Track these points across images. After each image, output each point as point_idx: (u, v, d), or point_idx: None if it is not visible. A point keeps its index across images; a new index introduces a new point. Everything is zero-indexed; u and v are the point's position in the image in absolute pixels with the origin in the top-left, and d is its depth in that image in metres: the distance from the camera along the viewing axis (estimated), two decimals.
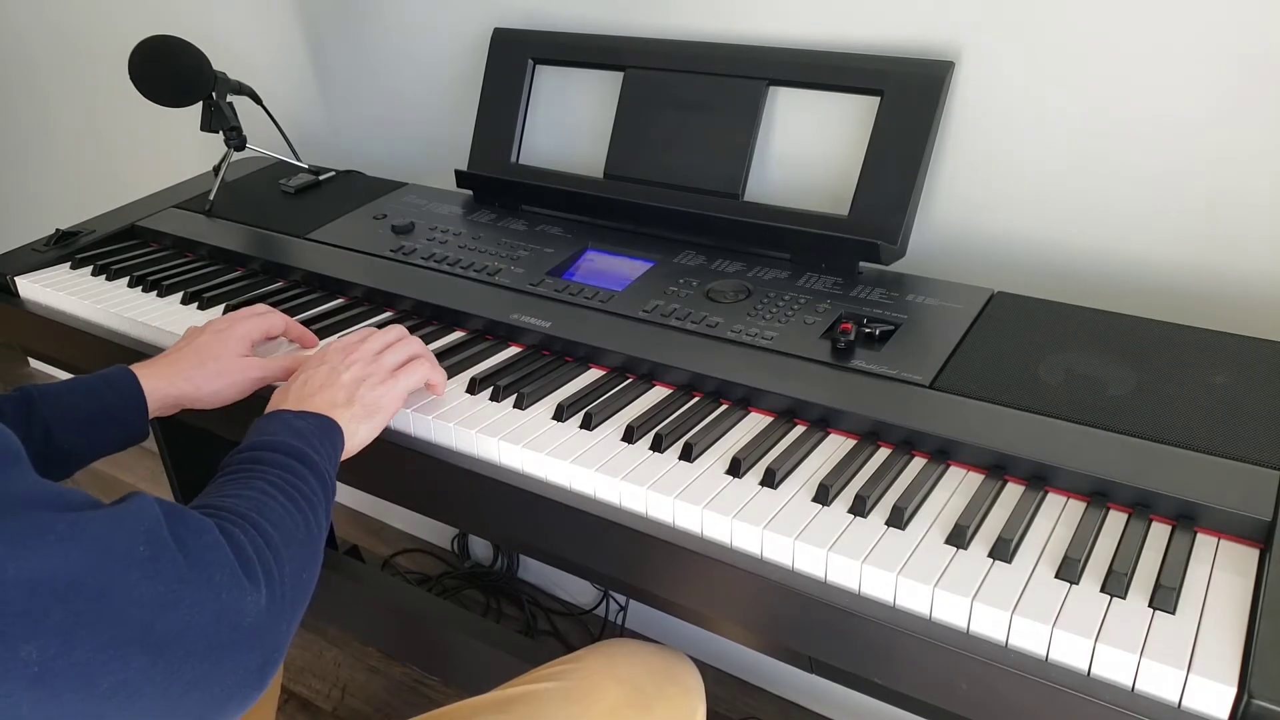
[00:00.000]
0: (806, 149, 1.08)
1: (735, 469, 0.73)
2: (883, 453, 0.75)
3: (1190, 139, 0.88)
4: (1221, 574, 0.61)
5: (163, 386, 0.82)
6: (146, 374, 0.82)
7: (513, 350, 0.94)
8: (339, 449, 0.73)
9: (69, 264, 1.18)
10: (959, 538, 0.65)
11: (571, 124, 1.24)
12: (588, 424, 0.80)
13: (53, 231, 1.23)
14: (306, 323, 0.99)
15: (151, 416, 0.82)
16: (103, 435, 0.79)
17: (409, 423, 0.84)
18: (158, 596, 0.50)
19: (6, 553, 0.44)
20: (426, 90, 1.39)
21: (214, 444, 0.88)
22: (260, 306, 0.93)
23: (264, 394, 0.86)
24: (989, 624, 0.60)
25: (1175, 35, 0.86)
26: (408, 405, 0.84)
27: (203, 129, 1.24)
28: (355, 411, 0.76)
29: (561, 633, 1.65)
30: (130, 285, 1.11)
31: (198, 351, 0.85)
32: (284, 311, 1.01)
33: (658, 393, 0.86)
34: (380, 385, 0.78)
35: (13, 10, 1.97)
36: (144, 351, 1.01)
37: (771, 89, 1.05)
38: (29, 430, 0.76)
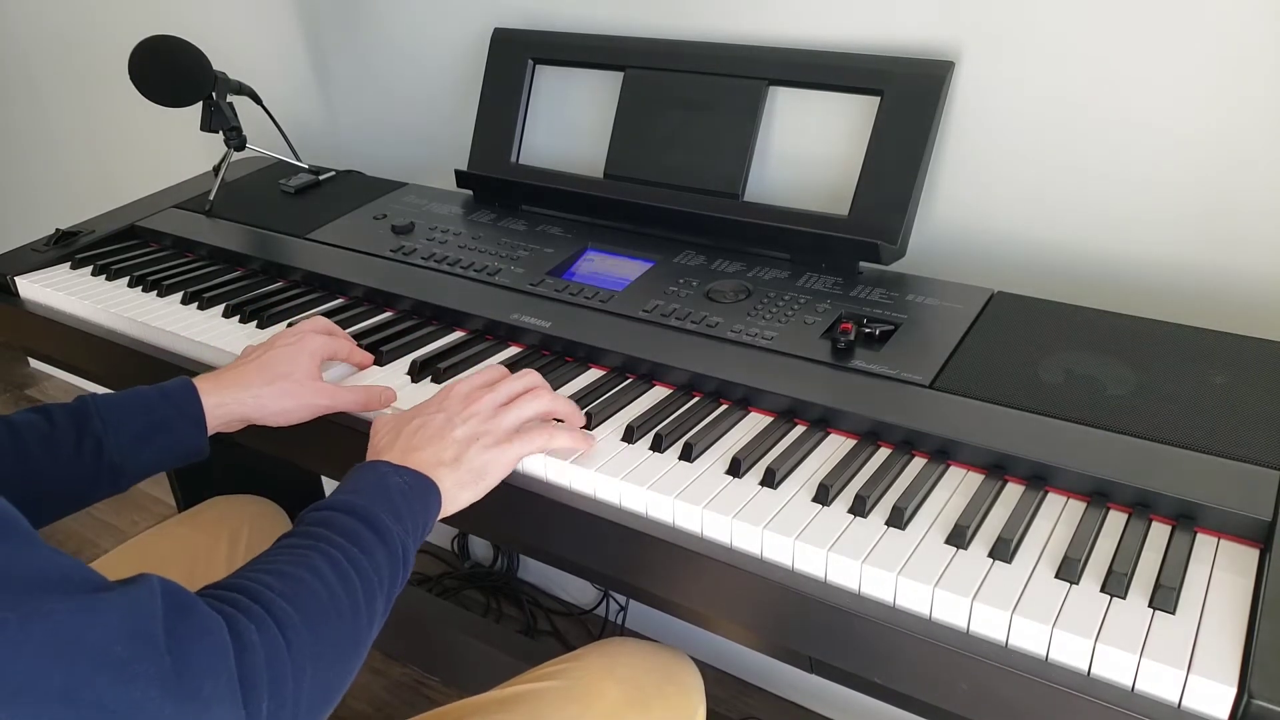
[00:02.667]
0: (806, 149, 1.08)
1: (735, 469, 0.73)
2: (883, 453, 0.75)
3: (1190, 139, 0.88)
4: (1221, 574, 0.61)
5: (227, 402, 0.79)
6: (210, 388, 0.79)
7: (513, 350, 0.94)
8: (431, 517, 0.68)
9: (69, 264, 1.18)
10: (959, 538, 0.65)
11: (571, 124, 1.24)
12: (588, 424, 0.80)
13: (53, 231, 1.23)
14: None
15: (214, 432, 0.79)
16: (157, 451, 0.76)
17: None
18: (130, 703, 0.45)
19: None
20: (426, 90, 1.40)
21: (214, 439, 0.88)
22: (324, 322, 0.89)
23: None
24: (989, 624, 0.60)
25: (1175, 35, 0.86)
26: (409, 405, 0.84)
27: (203, 129, 1.24)
28: (460, 476, 0.70)
29: (561, 633, 1.65)
30: (130, 285, 1.11)
31: (267, 367, 0.81)
32: (284, 312, 1.02)
33: (658, 393, 0.86)
34: (492, 449, 0.72)
35: (12, 10, 1.97)
36: (144, 352, 1.01)
37: (771, 89, 1.05)
38: (79, 442, 0.73)
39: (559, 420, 0.78)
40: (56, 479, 0.73)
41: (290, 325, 0.99)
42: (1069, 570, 0.62)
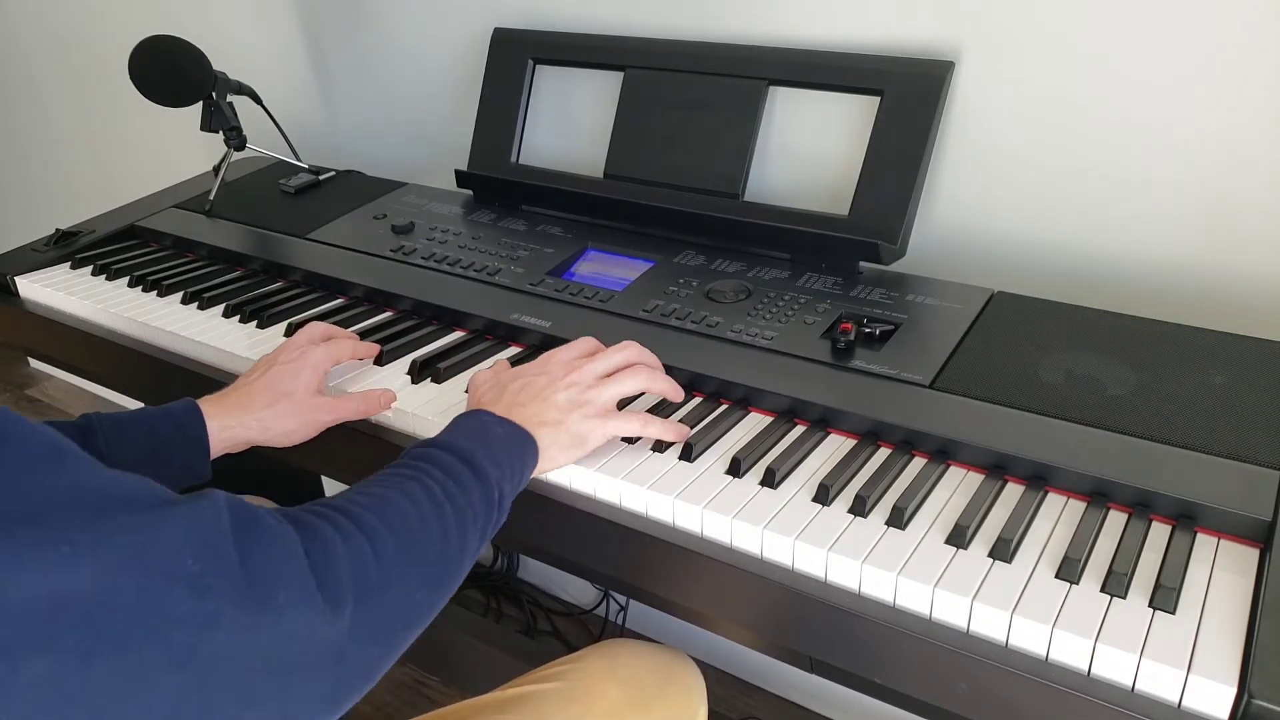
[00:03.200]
0: (806, 149, 1.08)
1: (735, 469, 0.73)
2: (883, 453, 0.75)
3: (1190, 139, 0.88)
4: (1221, 574, 0.61)
5: (231, 425, 0.79)
6: (215, 410, 0.79)
7: (513, 350, 0.94)
8: (528, 470, 0.70)
9: (69, 264, 1.18)
10: (959, 538, 0.65)
11: (571, 124, 1.24)
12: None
13: (53, 231, 1.23)
14: (306, 323, 0.99)
15: (218, 455, 0.79)
16: (158, 472, 0.73)
17: (409, 423, 0.84)
18: (204, 616, 0.45)
19: (6, 569, 0.41)
20: (426, 90, 1.40)
21: None
22: (323, 328, 0.89)
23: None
24: (989, 624, 0.60)
25: (1175, 35, 0.86)
26: (410, 406, 0.84)
27: (203, 129, 1.24)
28: (559, 437, 0.72)
29: (561, 633, 1.65)
30: (130, 285, 1.11)
31: (269, 388, 0.81)
32: (284, 312, 1.02)
33: None
34: (592, 419, 0.73)
35: (12, 10, 1.97)
36: (144, 351, 1.01)
37: (771, 89, 1.05)
38: None
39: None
40: None
41: (290, 326, 0.99)
42: (1069, 570, 0.62)
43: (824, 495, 0.69)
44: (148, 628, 0.43)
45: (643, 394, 0.82)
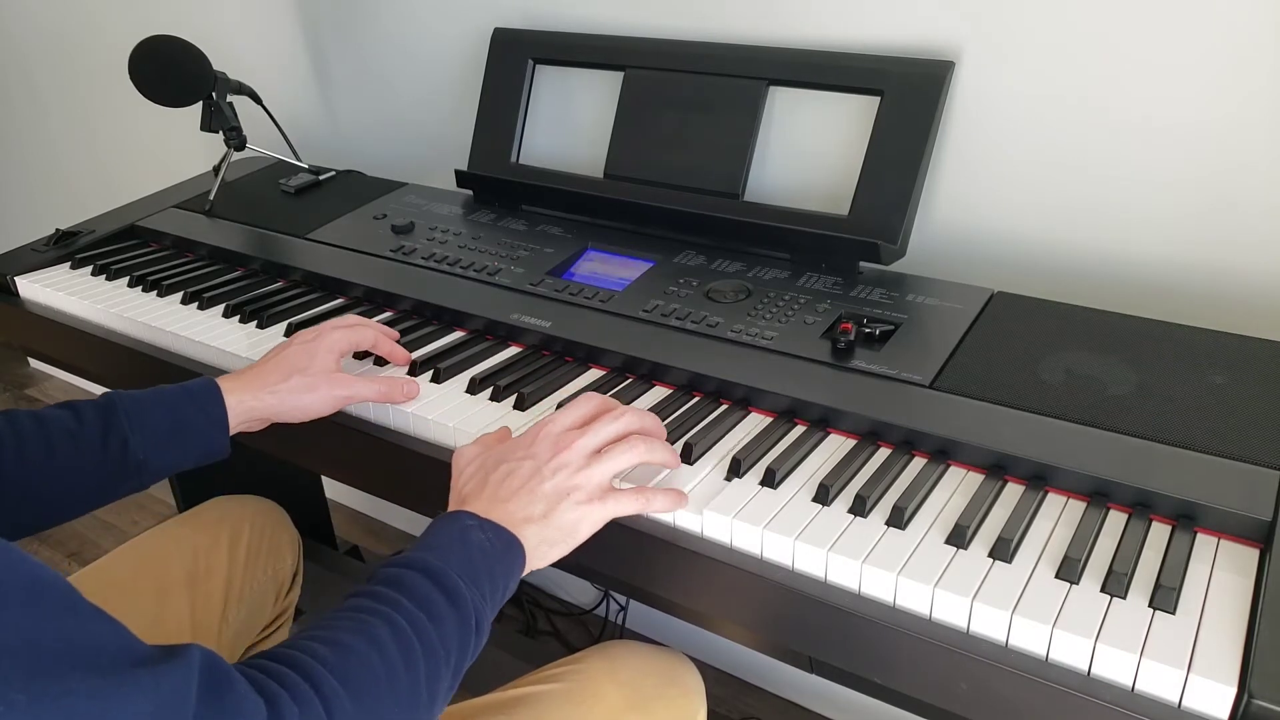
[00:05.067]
0: (806, 149, 1.08)
1: (735, 469, 0.73)
2: (883, 453, 0.75)
3: (1190, 139, 0.88)
4: (1221, 574, 0.61)
5: (247, 400, 0.79)
6: (232, 387, 0.79)
7: (513, 350, 0.94)
8: (514, 579, 0.64)
9: (69, 264, 1.18)
10: (959, 538, 0.65)
11: (571, 124, 1.24)
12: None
13: (53, 231, 1.23)
14: (306, 323, 0.99)
15: (236, 432, 0.80)
16: (181, 449, 0.76)
17: (408, 421, 0.84)
18: None
19: None
20: (426, 90, 1.39)
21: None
22: (350, 318, 0.89)
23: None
24: (989, 624, 0.60)
25: (1175, 35, 0.86)
26: (410, 406, 0.84)
27: (203, 129, 1.24)
28: (548, 534, 0.66)
29: (561, 633, 1.65)
30: (130, 285, 1.11)
31: (283, 364, 0.81)
32: (284, 312, 1.02)
33: (658, 393, 0.86)
34: (584, 505, 0.67)
35: (12, 11, 1.97)
36: (144, 351, 1.01)
37: (771, 89, 1.05)
38: (105, 438, 0.74)
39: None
40: (82, 473, 0.74)
41: (290, 326, 0.99)
42: (1069, 570, 0.62)
43: (824, 495, 0.69)
44: None
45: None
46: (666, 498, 0.70)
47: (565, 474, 0.68)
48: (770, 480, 0.71)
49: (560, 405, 0.78)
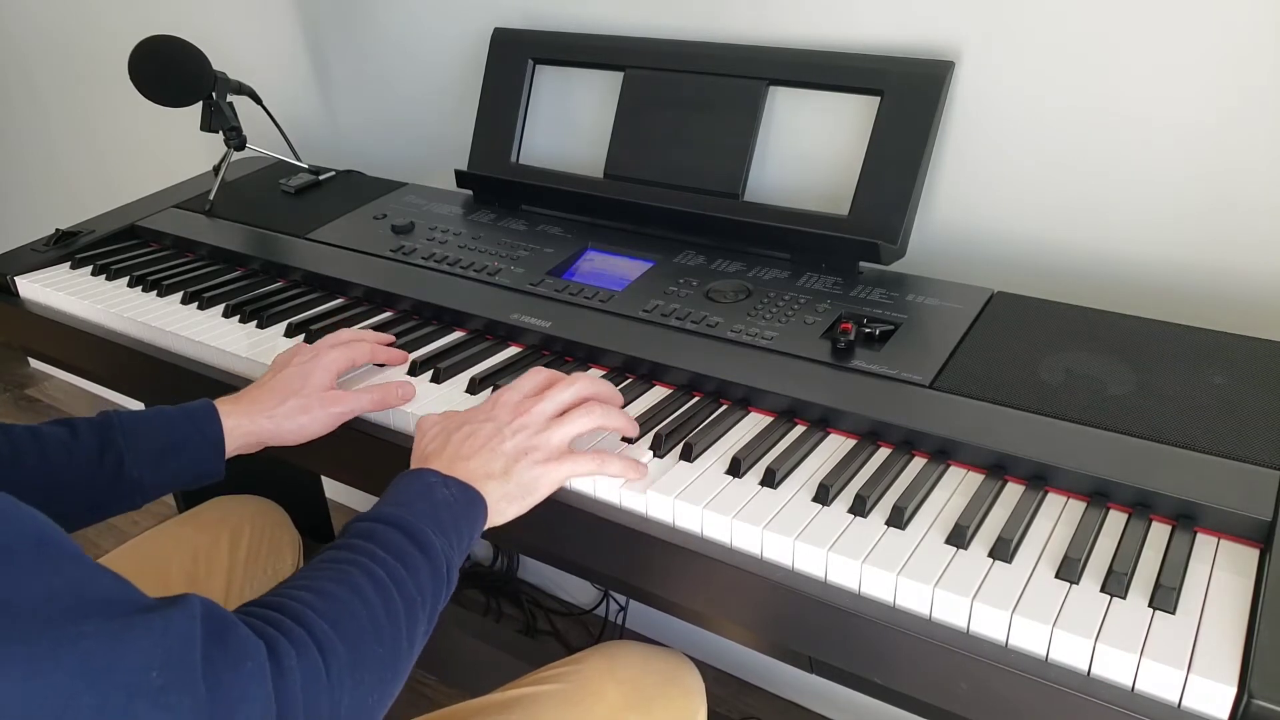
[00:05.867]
0: (806, 149, 1.08)
1: (735, 469, 0.73)
2: (883, 453, 0.75)
3: (1190, 138, 0.88)
4: (1221, 574, 0.61)
5: (244, 424, 0.80)
6: (229, 410, 0.80)
7: (513, 350, 0.94)
8: (476, 531, 0.67)
9: (69, 264, 1.18)
10: (959, 538, 0.65)
11: (571, 124, 1.24)
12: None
13: (53, 231, 1.23)
14: (306, 322, 0.99)
15: (233, 454, 0.80)
16: (175, 469, 0.77)
17: (408, 421, 0.84)
18: None
19: None
20: (426, 90, 1.40)
21: None
22: (345, 333, 0.89)
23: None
24: (989, 624, 0.60)
25: (1175, 35, 0.86)
26: (410, 406, 0.84)
27: (203, 129, 1.24)
28: (508, 490, 0.69)
29: (561, 633, 1.65)
30: (130, 285, 1.11)
31: (279, 388, 0.82)
32: (284, 312, 1.02)
33: (658, 393, 0.86)
34: (541, 464, 0.70)
35: (12, 11, 1.97)
36: (144, 351, 1.01)
37: (771, 89, 1.05)
38: (102, 456, 0.74)
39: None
40: (77, 489, 0.74)
41: (290, 327, 0.99)
42: (1069, 570, 0.62)
43: (824, 495, 0.69)
44: None
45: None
46: (623, 462, 0.72)
47: (525, 435, 0.71)
48: (770, 480, 0.71)
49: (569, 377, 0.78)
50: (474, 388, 0.86)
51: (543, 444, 0.71)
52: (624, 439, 0.78)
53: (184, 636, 0.46)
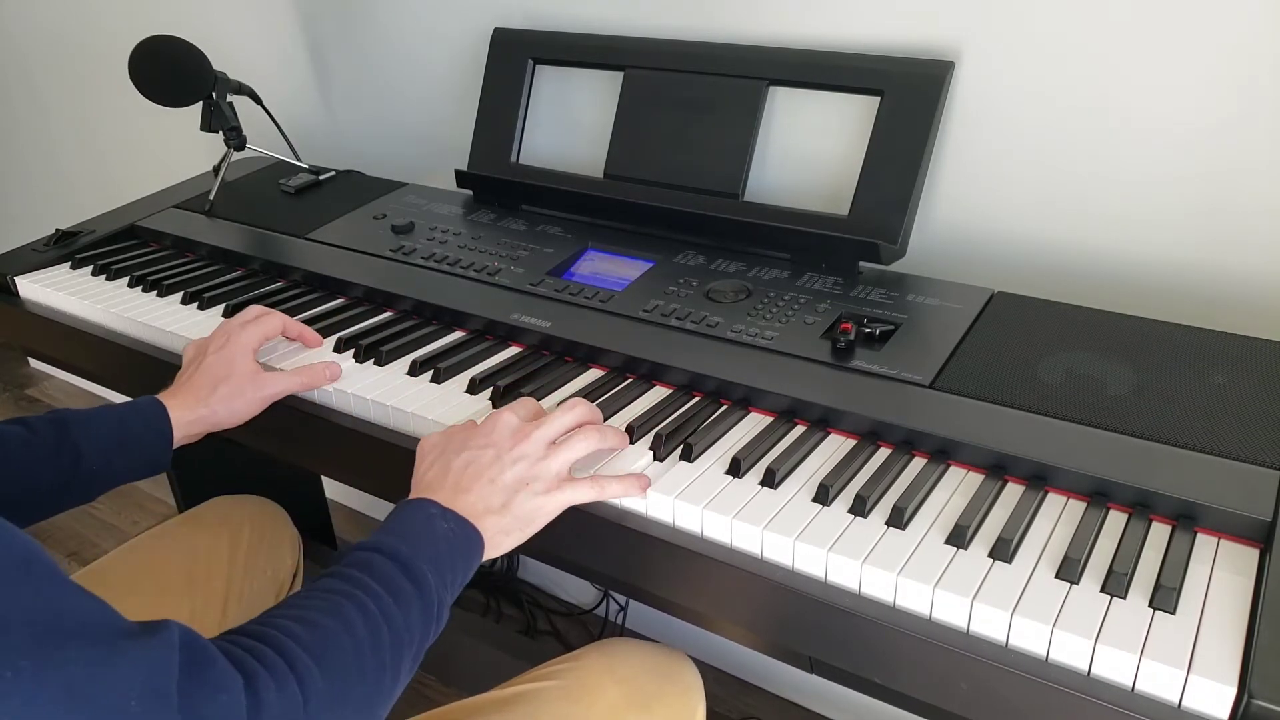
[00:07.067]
0: (806, 149, 1.08)
1: (735, 469, 0.73)
2: (883, 453, 0.75)
3: (1190, 139, 0.88)
4: (1221, 574, 0.61)
5: (185, 415, 0.82)
6: (171, 403, 0.82)
7: (513, 350, 0.94)
8: (472, 568, 0.67)
9: (69, 264, 1.18)
10: (959, 538, 0.65)
11: (571, 124, 1.24)
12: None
13: (53, 231, 1.23)
14: (307, 323, 0.99)
15: (178, 445, 0.82)
16: (128, 462, 0.79)
17: (409, 423, 0.84)
18: None
19: None
20: (426, 90, 1.40)
21: (213, 436, 0.88)
22: (253, 309, 0.91)
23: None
24: (989, 624, 0.60)
25: (1176, 34, 0.86)
26: (410, 406, 0.84)
27: (203, 129, 1.24)
28: (505, 524, 0.69)
29: (561, 633, 1.65)
30: (130, 285, 1.11)
31: (207, 374, 0.84)
32: (285, 312, 1.02)
33: (658, 393, 0.86)
34: (541, 496, 0.70)
35: (12, 11, 1.97)
36: (144, 351, 1.01)
37: (771, 89, 1.05)
38: (59, 451, 0.76)
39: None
40: (34, 484, 0.75)
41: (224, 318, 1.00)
42: (1069, 570, 0.62)
43: (824, 495, 0.69)
44: None
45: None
46: (622, 483, 0.72)
47: (524, 465, 0.71)
48: (770, 480, 0.71)
49: (560, 404, 0.78)
50: (474, 388, 0.86)
51: (542, 473, 0.71)
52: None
53: (162, 665, 0.46)
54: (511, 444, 0.72)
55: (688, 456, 0.75)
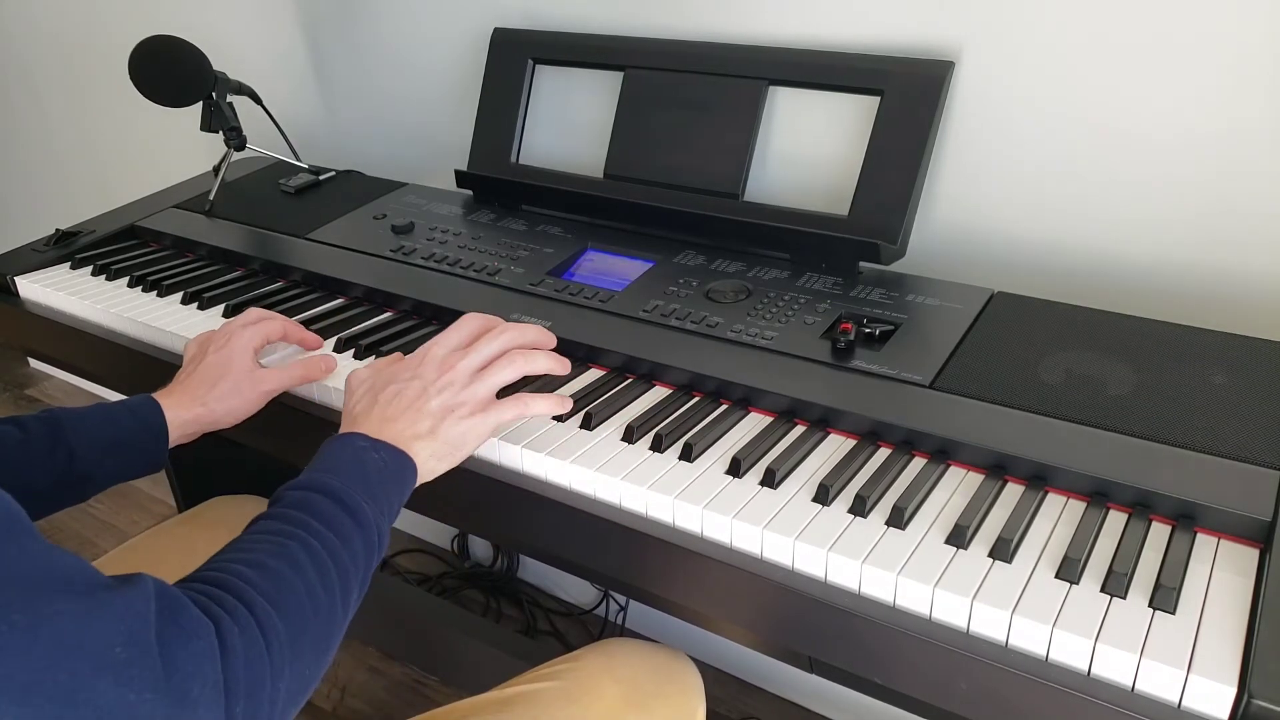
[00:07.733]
0: (806, 149, 1.08)
1: (735, 469, 0.73)
2: (883, 453, 0.75)
3: (1190, 138, 0.88)
4: (1221, 574, 0.61)
5: (181, 414, 0.82)
6: (167, 402, 0.82)
7: None
8: (406, 492, 0.69)
9: (69, 264, 1.18)
10: (959, 538, 0.65)
11: (571, 124, 1.24)
12: (588, 424, 0.80)
13: (52, 231, 1.23)
14: (306, 323, 0.99)
15: (174, 444, 0.82)
16: (122, 461, 0.79)
17: None
18: (125, 705, 0.45)
19: None
20: (426, 90, 1.40)
21: (214, 436, 0.88)
22: (255, 312, 0.91)
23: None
24: (989, 624, 0.60)
25: (1175, 36, 0.86)
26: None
27: (203, 129, 1.24)
28: (436, 448, 0.71)
29: (561, 633, 1.65)
30: (130, 285, 1.11)
31: (206, 373, 0.84)
32: (284, 312, 1.02)
33: (658, 393, 0.86)
34: (469, 419, 0.72)
35: (12, 11, 1.97)
36: (144, 351, 1.01)
37: (771, 89, 1.05)
38: (53, 451, 0.76)
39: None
40: (28, 484, 0.75)
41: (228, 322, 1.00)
42: (1069, 570, 0.62)
43: (824, 495, 0.69)
44: (74, 712, 0.44)
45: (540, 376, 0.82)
46: (546, 400, 0.75)
47: (450, 392, 0.73)
48: (770, 480, 0.71)
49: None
50: None
51: (468, 398, 0.73)
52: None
53: (141, 615, 0.48)
54: (437, 374, 0.74)
55: (688, 456, 0.75)
